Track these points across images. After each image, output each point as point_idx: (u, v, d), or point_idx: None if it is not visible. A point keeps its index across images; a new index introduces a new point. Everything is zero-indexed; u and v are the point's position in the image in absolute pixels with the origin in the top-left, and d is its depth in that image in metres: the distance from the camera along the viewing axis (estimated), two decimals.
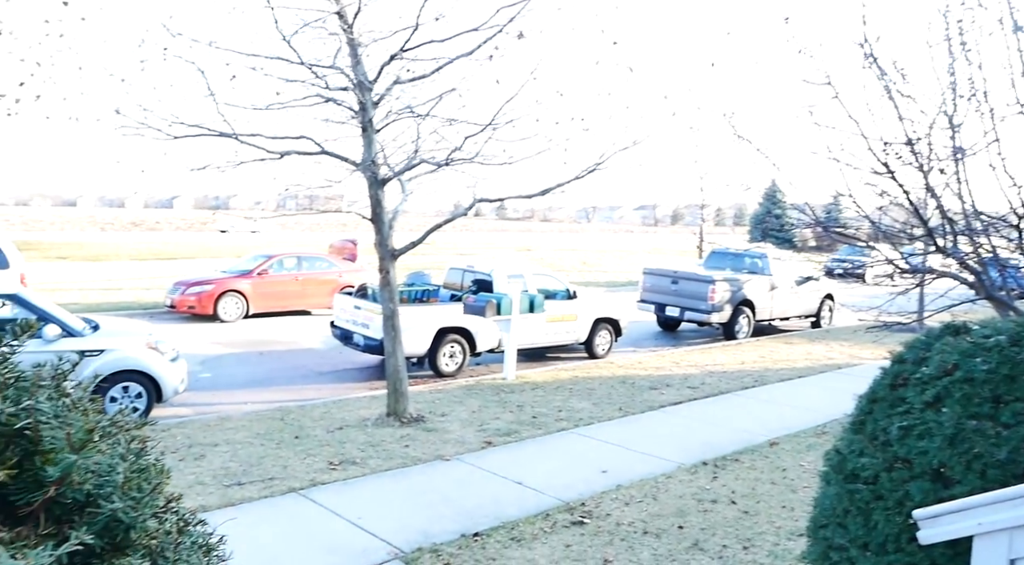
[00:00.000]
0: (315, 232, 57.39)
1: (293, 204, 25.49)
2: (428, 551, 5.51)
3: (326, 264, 18.64)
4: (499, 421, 9.10)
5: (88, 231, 56.07)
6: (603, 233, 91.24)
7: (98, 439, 1.25)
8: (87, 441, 1.22)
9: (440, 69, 8.77)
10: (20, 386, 1.24)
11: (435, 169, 9.52)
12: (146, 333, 9.36)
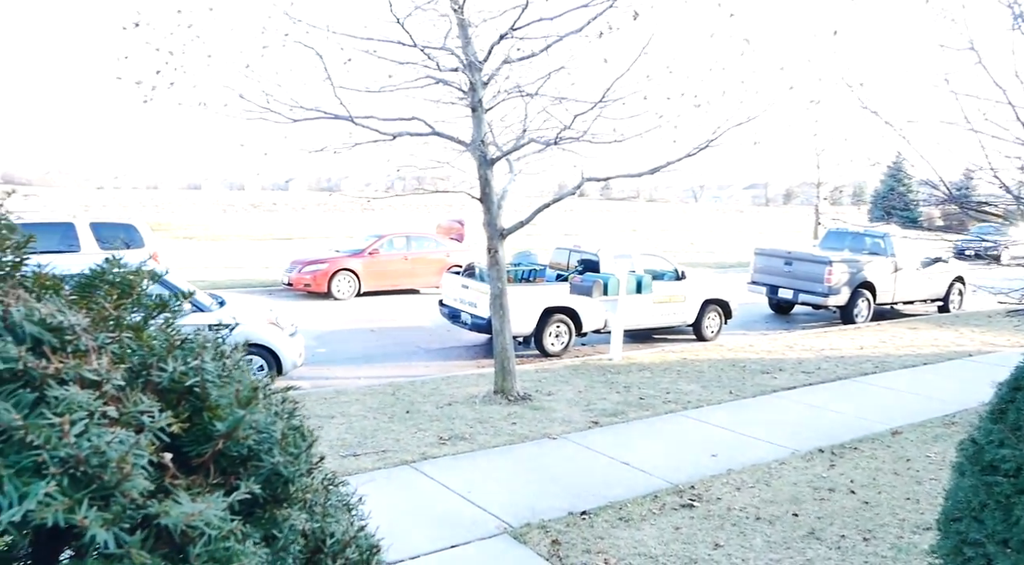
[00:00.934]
0: (422, 212, 58.70)
1: (401, 185, 26.00)
2: (536, 527, 5.55)
3: (434, 244, 19.02)
4: (605, 401, 9.05)
5: (211, 212, 59.49)
6: (711, 213, 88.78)
7: (261, 398, 1.32)
8: (252, 399, 1.28)
9: (549, 47, 8.70)
10: (187, 348, 1.32)
11: (543, 149, 9.49)
12: (267, 309, 9.85)
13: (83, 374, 1.08)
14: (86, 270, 1.40)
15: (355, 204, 59.19)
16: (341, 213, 59.25)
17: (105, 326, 1.28)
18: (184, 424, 1.17)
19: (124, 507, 1.02)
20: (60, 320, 1.11)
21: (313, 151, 8.60)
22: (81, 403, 1.03)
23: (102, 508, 1.00)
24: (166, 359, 1.25)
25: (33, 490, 0.94)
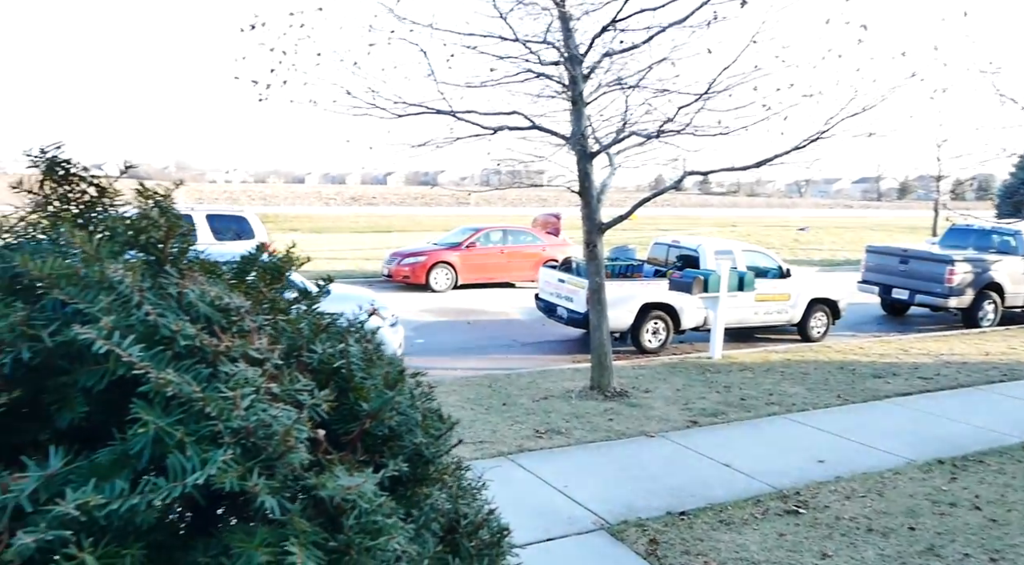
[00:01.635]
0: (516, 207, 59.08)
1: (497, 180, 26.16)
2: (633, 525, 5.50)
3: (530, 238, 19.12)
4: (705, 401, 8.86)
5: (314, 205, 61.75)
6: (817, 208, 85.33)
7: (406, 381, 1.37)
8: (398, 381, 1.34)
9: (652, 38, 8.57)
10: (331, 332, 1.39)
11: (643, 142, 9.37)
12: (368, 299, 10.16)
13: (248, 352, 1.15)
14: (238, 256, 1.49)
15: (451, 198, 60.21)
16: (438, 206, 60.37)
17: (261, 309, 1.35)
18: (333, 403, 1.22)
19: (286, 477, 1.08)
20: (227, 301, 1.19)
21: (416, 145, 8.79)
22: (249, 379, 1.09)
23: (268, 477, 1.06)
24: (314, 341, 1.32)
25: (213, 457, 1.01)
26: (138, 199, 1.31)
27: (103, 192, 1.33)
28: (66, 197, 1.32)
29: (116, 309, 1.09)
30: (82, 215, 1.31)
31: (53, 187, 1.32)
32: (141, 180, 1.39)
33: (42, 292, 1.12)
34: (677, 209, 67.22)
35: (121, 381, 1.06)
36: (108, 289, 1.10)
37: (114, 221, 1.29)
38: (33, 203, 1.34)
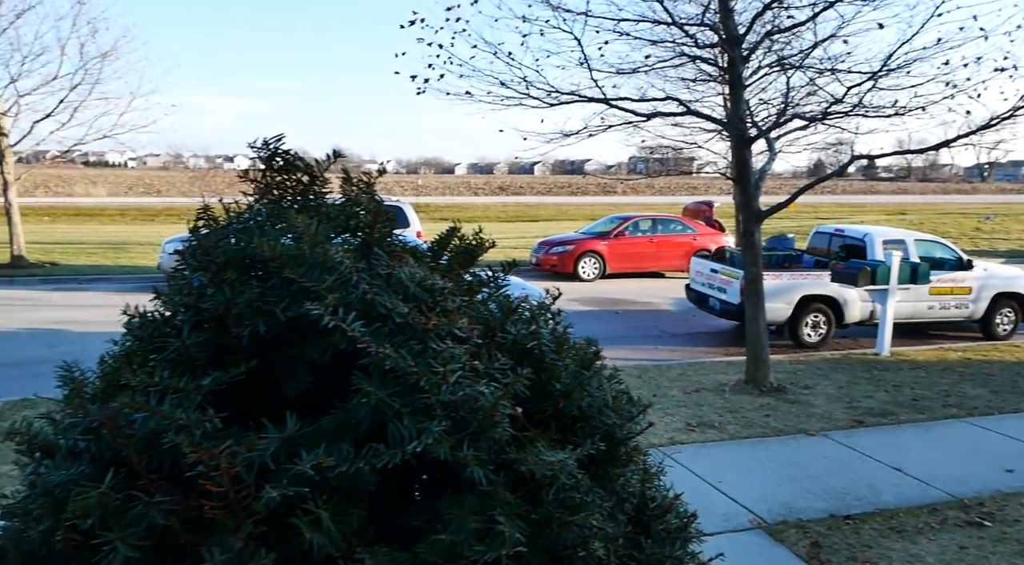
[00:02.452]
0: (664, 195, 57.87)
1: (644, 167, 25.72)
2: (793, 526, 5.28)
3: (680, 227, 18.69)
4: (871, 400, 8.32)
5: (463, 195, 63.43)
6: (1003, 194, 77.44)
7: (597, 363, 1.41)
8: (590, 362, 1.37)
9: (817, 15, 8.10)
10: (521, 313, 1.44)
11: (806, 125, 8.90)
12: (519, 287, 10.33)
13: (454, 331, 1.22)
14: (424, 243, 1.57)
15: (597, 186, 59.92)
16: (584, 195, 60.29)
17: (459, 290, 1.42)
18: (526, 382, 1.26)
19: (489, 451, 1.13)
20: (432, 283, 1.26)
21: (570, 133, 8.81)
22: (456, 356, 1.16)
23: (474, 450, 1.12)
24: (505, 323, 1.37)
25: (429, 428, 1.08)
26: (343, 186, 1.42)
27: (314, 180, 1.45)
28: (284, 185, 1.45)
29: (338, 287, 1.18)
30: (297, 201, 1.43)
31: (273, 176, 1.45)
32: (309, 168, 1.50)
33: (273, 272, 1.24)
34: (838, 196, 63.29)
35: (340, 354, 1.16)
36: (330, 269, 1.20)
37: (327, 207, 1.40)
38: (257, 190, 1.48)
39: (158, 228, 30.67)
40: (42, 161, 26.36)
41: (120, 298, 14.03)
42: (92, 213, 39.23)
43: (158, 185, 60.86)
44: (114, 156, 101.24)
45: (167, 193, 54.75)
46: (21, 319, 12.08)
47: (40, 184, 52.05)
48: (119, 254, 19.95)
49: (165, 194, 55.14)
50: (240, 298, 1.20)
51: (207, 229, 1.37)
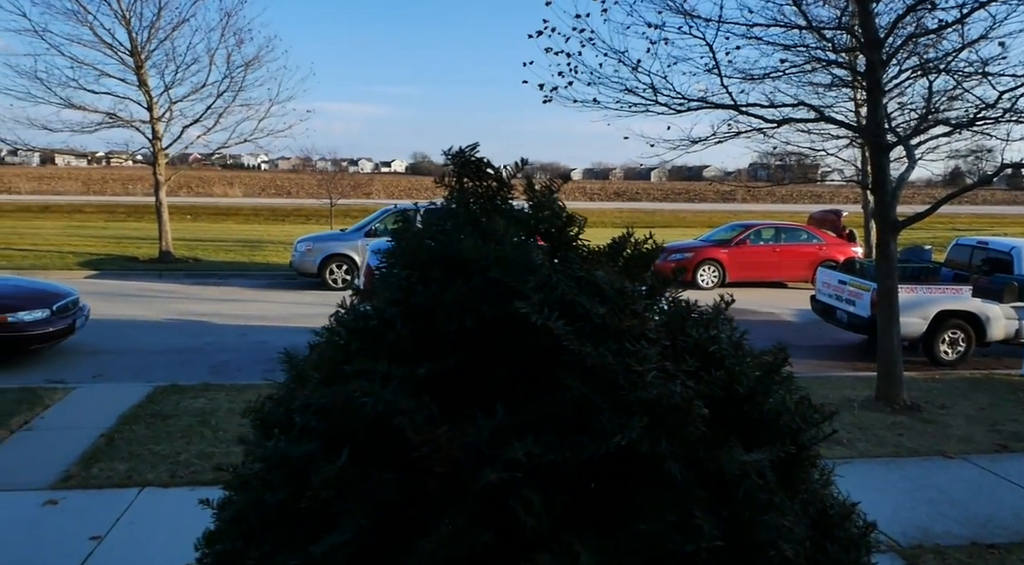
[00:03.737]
0: (786, 203, 55.76)
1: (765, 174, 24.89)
2: (931, 551, 5.02)
3: (805, 236, 18.00)
4: (1017, 424, 7.77)
5: (579, 200, 63.42)
6: None
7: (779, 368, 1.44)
8: (773, 368, 1.41)
9: (966, 16, 7.63)
10: (697, 317, 1.49)
11: (950, 132, 8.41)
12: None
13: (645, 332, 1.29)
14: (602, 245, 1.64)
15: (715, 193, 58.50)
16: (701, 202, 58.99)
17: (641, 292, 1.49)
18: (718, 384, 1.32)
19: (683, 447, 1.19)
20: (623, 285, 1.34)
21: (697, 140, 8.71)
22: (650, 356, 1.23)
23: (670, 446, 1.18)
24: (684, 326, 1.42)
25: (631, 423, 1.15)
26: (527, 192, 1.52)
27: (503, 185, 1.56)
28: (475, 190, 1.56)
29: (540, 288, 1.28)
30: (487, 205, 1.54)
31: (466, 181, 1.57)
32: (497, 175, 1.59)
33: (476, 271, 1.35)
34: (977, 207, 59.04)
35: (539, 350, 1.25)
36: (531, 270, 1.29)
37: (517, 211, 1.51)
38: (450, 195, 1.60)
39: (288, 228, 32.39)
40: (187, 164, 28.40)
41: (255, 293, 14.97)
42: (229, 212, 41.88)
43: (288, 187, 64.25)
44: (249, 159, 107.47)
45: (296, 194, 57.71)
46: (168, 310, 13.10)
47: (183, 185, 56.07)
48: (254, 252, 21.24)
49: (295, 195, 58.13)
50: (448, 295, 1.31)
51: (405, 230, 1.50)
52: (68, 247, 20.92)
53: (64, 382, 8.19)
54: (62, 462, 5.83)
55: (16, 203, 49.00)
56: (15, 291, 9.52)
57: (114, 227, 30.53)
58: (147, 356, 9.81)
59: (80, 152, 23.07)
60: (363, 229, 15.72)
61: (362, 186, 33.70)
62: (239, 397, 7.60)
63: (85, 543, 4.60)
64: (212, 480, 5.53)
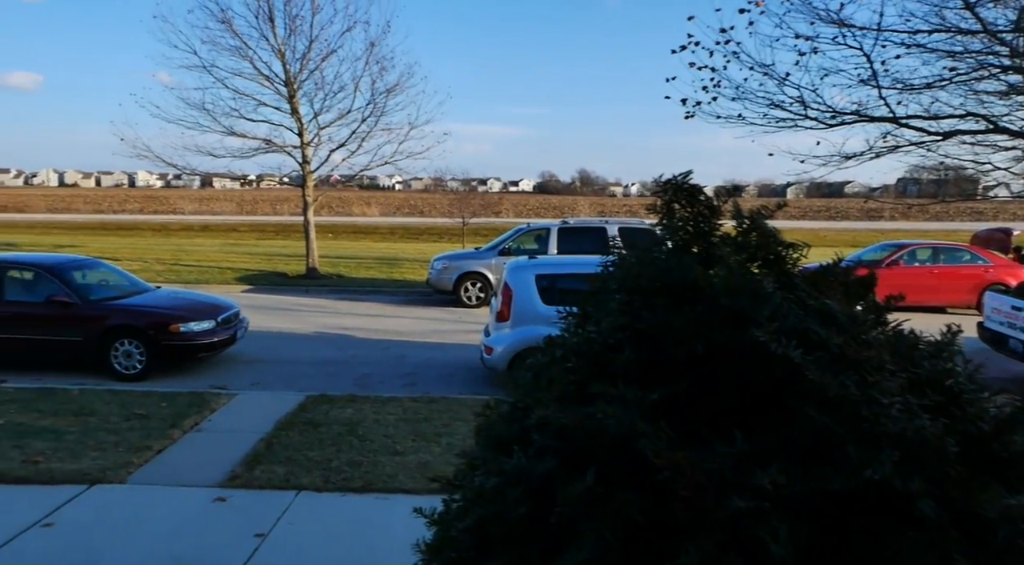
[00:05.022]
0: (941, 220, 51.97)
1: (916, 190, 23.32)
2: None
3: (969, 257, 16.65)
4: None
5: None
6: None
7: None
8: None
9: None
10: (923, 347, 1.42)
11: None
12: None
13: (884, 364, 1.24)
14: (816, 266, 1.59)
15: (859, 210, 55.41)
16: (843, 219, 56.01)
17: (871, 321, 1.43)
18: (969, 419, 1.24)
19: (935, 486, 1.13)
20: (854, 313, 1.29)
21: (852, 155, 8.29)
22: (892, 388, 1.17)
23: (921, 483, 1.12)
24: (914, 356, 1.35)
25: (883, 458, 1.11)
26: (736, 218, 1.50)
27: (713, 211, 1.54)
28: (686, 215, 1.56)
29: (774, 316, 1.25)
30: (697, 231, 1.53)
31: (679, 208, 1.57)
32: (709, 201, 1.57)
33: (703, 298, 1.34)
34: None
35: (771, 378, 1.22)
36: (761, 298, 1.27)
37: (733, 237, 1.49)
38: (662, 221, 1.61)
39: (422, 246, 33.55)
40: (328, 184, 30.02)
41: (394, 309, 15.56)
42: (366, 231, 43.91)
43: (421, 206, 66.65)
44: (384, 179, 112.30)
45: (429, 214, 59.75)
46: (315, 323, 13.83)
47: (325, 205, 59.41)
48: (392, 269, 22.11)
49: (427, 215, 60.19)
50: (676, 321, 1.31)
51: (625, 257, 1.51)
52: (226, 263, 22.58)
53: (227, 388, 8.80)
54: (228, 462, 6.24)
55: (180, 222, 53.53)
56: (185, 303, 10.35)
57: (264, 245, 32.74)
58: (298, 366, 10.38)
59: (236, 175, 24.85)
60: (497, 248, 16.01)
61: (492, 205, 34.41)
62: (383, 409, 7.90)
63: (250, 539, 4.90)
64: (362, 487, 5.77)
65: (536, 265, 9.26)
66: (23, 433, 6.77)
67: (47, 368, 9.67)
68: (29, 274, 9.92)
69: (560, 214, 68.23)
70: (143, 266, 19.57)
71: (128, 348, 9.43)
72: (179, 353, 9.64)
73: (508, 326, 8.98)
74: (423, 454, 6.51)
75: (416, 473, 6.07)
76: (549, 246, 15.04)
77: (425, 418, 7.57)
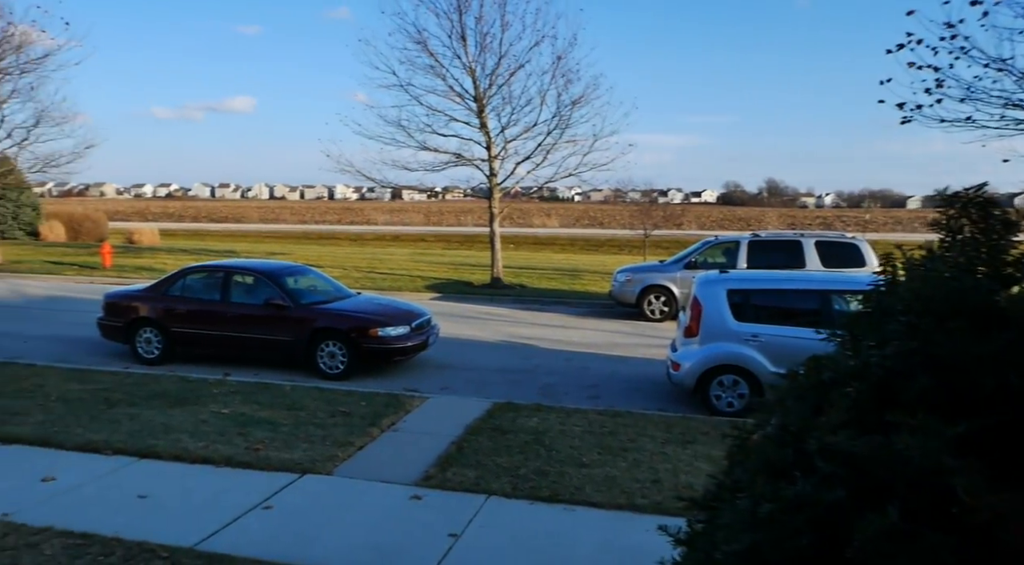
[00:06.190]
0: None
1: None
2: None
3: None
4: None
5: (918, 231, 56.88)
6: None
7: None
8: None
9: None
10: None
11: None
12: None
13: None
14: None
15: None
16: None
17: None
18: None
19: None
20: None
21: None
22: None
23: None
24: None
25: None
26: None
27: (1009, 226, 1.36)
28: (977, 232, 1.39)
29: None
30: (992, 248, 1.36)
31: (967, 223, 1.41)
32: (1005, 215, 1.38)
33: (1015, 324, 1.18)
34: None
35: None
36: None
37: None
38: (950, 238, 1.45)
39: (601, 257, 33.54)
40: (510, 196, 30.80)
41: (576, 320, 15.62)
42: (546, 242, 44.69)
43: (601, 217, 66.78)
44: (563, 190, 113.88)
45: (609, 225, 59.73)
46: (500, 332, 14.19)
47: (506, 216, 61.13)
48: (573, 280, 22.26)
49: (607, 226, 60.21)
50: (981, 349, 1.16)
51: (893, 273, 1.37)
52: (416, 271, 23.82)
53: (419, 391, 9.22)
54: (422, 463, 6.52)
55: (373, 233, 57.39)
56: (383, 309, 11.01)
57: (450, 255, 34.24)
58: (484, 373, 10.68)
59: (424, 188, 26.12)
60: (683, 261, 15.62)
61: (674, 217, 33.75)
62: (568, 420, 7.91)
63: (444, 538, 5.06)
64: (550, 497, 5.80)
65: (728, 279, 8.90)
66: (245, 422, 7.47)
67: (261, 365, 10.66)
68: (250, 279, 10.99)
69: (746, 226, 65.66)
70: (343, 273, 21.10)
71: (332, 349, 10.17)
72: (377, 356, 10.25)
73: (697, 342, 8.70)
74: (609, 468, 6.44)
75: (603, 486, 6.01)
76: (738, 260, 14.44)
77: (610, 431, 7.49)
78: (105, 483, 5.86)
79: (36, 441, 6.77)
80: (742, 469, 1.53)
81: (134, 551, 4.65)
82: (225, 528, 5.07)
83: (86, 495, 5.61)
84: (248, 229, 62.70)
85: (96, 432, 7.04)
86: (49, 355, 10.95)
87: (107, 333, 11.24)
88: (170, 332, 10.76)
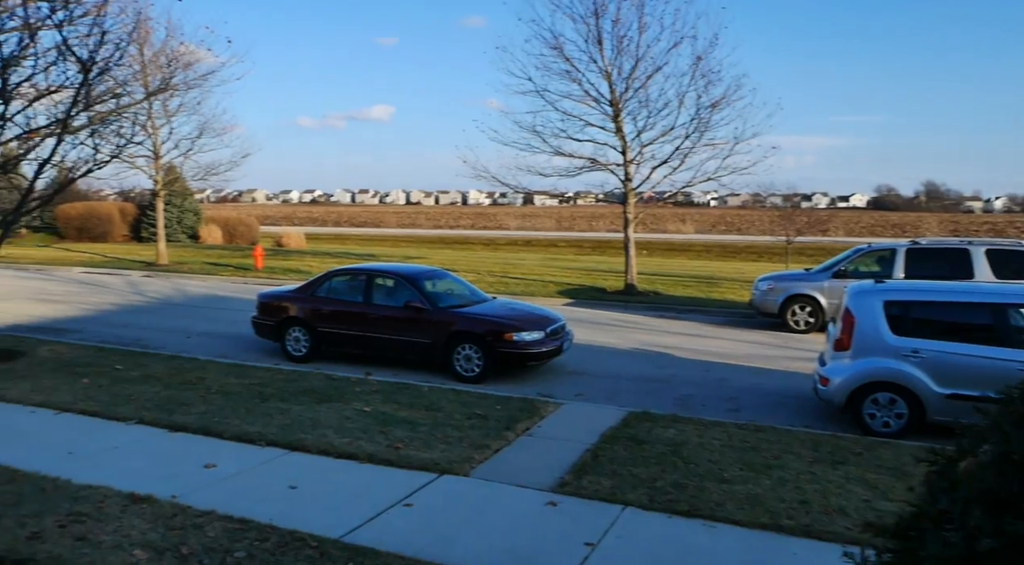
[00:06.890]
0: None
1: None
2: None
3: None
4: None
5: None
6: None
7: None
8: None
9: None
10: None
11: None
12: None
13: None
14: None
15: None
16: None
17: None
18: None
19: None
20: None
21: None
22: None
23: None
24: None
25: None
26: None
27: None
28: None
29: None
30: None
31: None
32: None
33: None
34: None
35: None
36: None
37: None
38: None
39: (739, 265, 32.35)
40: (643, 201, 30.28)
41: (713, 329, 15.11)
42: (680, 248, 43.65)
43: (738, 223, 64.50)
44: (698, 195, 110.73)
45: (747, 231, 57.62)
46: (634, 340, 13.94)
47: (640, 221, 60.35)
48: (710, 288, 21.57)
49: (745, 232, 58.09)
50: None
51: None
52: (548, 277, 23.89)
53: (553, 397, 9.19)
54: (557, 469, 6.47)
55: (506, 238, 58.19)
56: (518, 314, 11.08)
57: (582, 260, 34.14)
58: (618, 381, 10.51)
59: (555, 193, 26.11)
60: (831, 269, 14.74)
61: (819, 223, 31.98)
62: (706, 432, 7.63)
63: (580, 547, 4.98)
64: (688, 511, 5.59)
65: (885, 290, 8.28)
66: (386, 421, 7.72)
67: (399, 365, 11.00)
68: (391, 282, 11.38)
69: (901, 233, 61.33)
70: (477, 277, 21.50)
71: (468, 352, 10.34)
72: (511, 360, 10.32)
73: (848, 356, 8.14)
74: (752, 485, 6.14)
75: (745, 504, 5.73)
76: (895, 269, 13.43)
77: (752, 447, 7.15)
78: (260, 472, 6.22)
79: (199, 430, 7.30)
80: (948, 498, 1.36)
81: (286, 539, 4.89)
82: (368, 522, 5.24)
83: (243, 483, 5.97)
84: (386, 233, 65.41)
85: (251, 424, 7.50)
86: (210, 350, 11.82)
87: (260, 331, 11.98)
88: (317, 331, 11.32)
